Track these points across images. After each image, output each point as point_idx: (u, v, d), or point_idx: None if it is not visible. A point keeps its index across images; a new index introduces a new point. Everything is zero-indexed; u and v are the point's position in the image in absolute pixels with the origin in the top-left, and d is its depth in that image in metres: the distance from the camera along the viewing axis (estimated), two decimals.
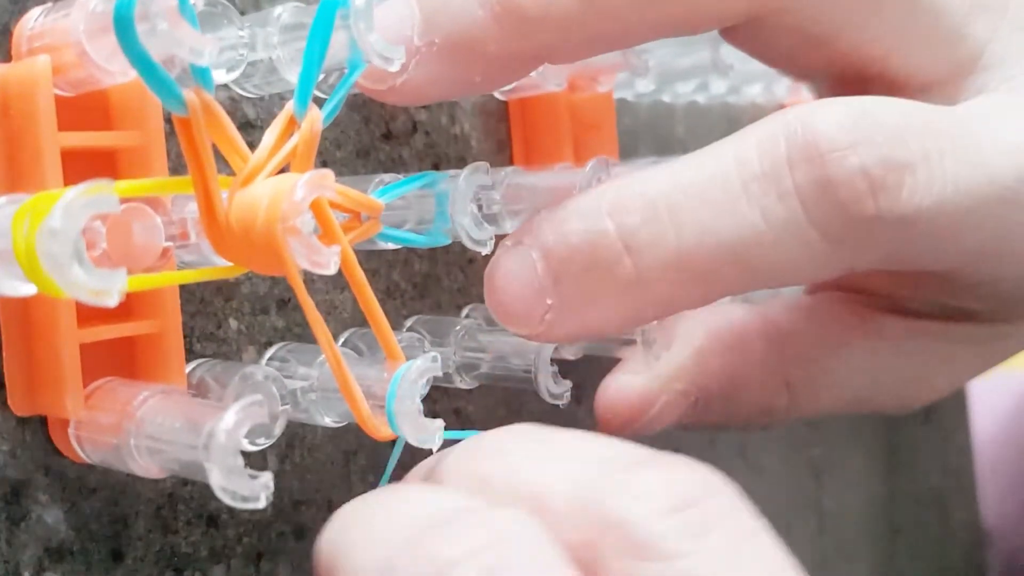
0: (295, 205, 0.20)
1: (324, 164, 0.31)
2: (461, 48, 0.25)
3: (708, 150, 0.24)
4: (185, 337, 0.27)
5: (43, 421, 0.24)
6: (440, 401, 0.34)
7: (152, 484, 0.27)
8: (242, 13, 0.28)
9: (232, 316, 0.28)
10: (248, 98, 0.29)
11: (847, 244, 0.23)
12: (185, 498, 0.27)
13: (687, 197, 0.23)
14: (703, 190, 0.23)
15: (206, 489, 0.28)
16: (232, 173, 0.22)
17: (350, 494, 0.31)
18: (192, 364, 0.25)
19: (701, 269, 0.23)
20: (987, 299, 0.29)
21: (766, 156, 0.23)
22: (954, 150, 0.24)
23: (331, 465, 0.31)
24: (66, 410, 0.22)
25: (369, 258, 0.31)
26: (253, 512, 0.29)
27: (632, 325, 0.26)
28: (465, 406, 0.35)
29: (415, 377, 0.22)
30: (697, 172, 0.23)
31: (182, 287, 0.27)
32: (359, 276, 0.22)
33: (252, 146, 0.29)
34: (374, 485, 0.32)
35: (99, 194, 0.18)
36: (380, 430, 0.22)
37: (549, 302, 0.24)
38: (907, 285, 0.30)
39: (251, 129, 0.29)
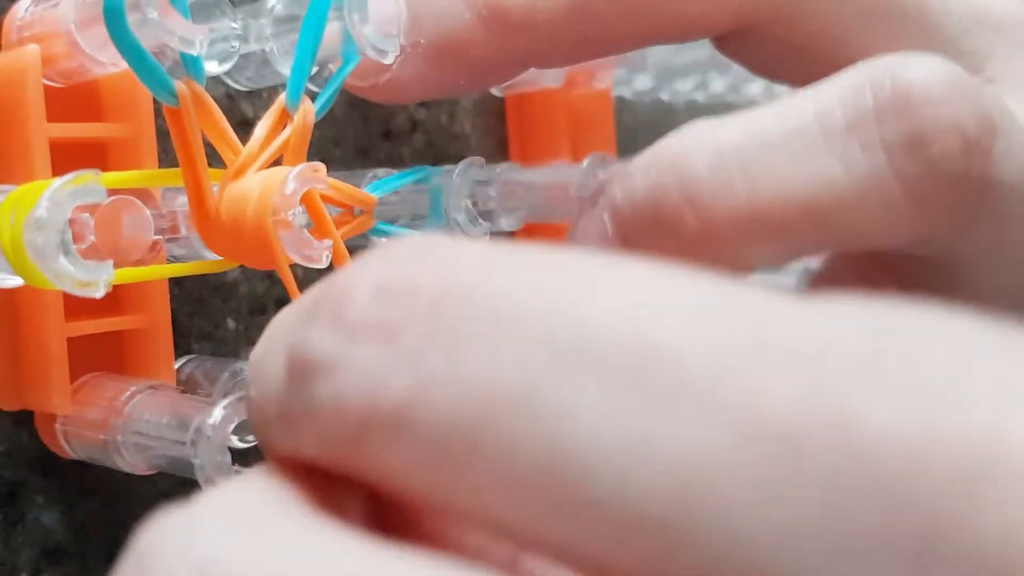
0: (286, 198, 0.20)
1: (323, 162, 0.30)
2: (446, 50, 0.24)
3: (783, 101, 0.23)
4: (183, 337, 0.26)
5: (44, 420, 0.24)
6: None
7: (150, 486, 0.26)
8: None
9: (230, 316, 0.28)
10: (245, 96, 0.29)
11: (928, 203, 0.22)
12: (183, 499, 0.27)
13: (760, 147, 0.22)
14: (779, 140, 0.22)
15: (203, 490, 0.27)
16: (223, 166, 0.21)
17: None
18: (182, 360, 0.25)
19: (774, 224, 0.22)
20: None
21: (851, 107, 0.22)
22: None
23: None
24: (52, 405, 0.21)
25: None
26: None
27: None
28: None
29: None
30: (772, 123, 0.22)
31: (180, 287, 0.27)
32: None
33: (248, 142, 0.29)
34: None
35: (85, 184, 0.17)
36: None
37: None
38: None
39: (249, 128, 0.29)
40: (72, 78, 0.22)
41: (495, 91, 0.34)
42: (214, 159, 0.21)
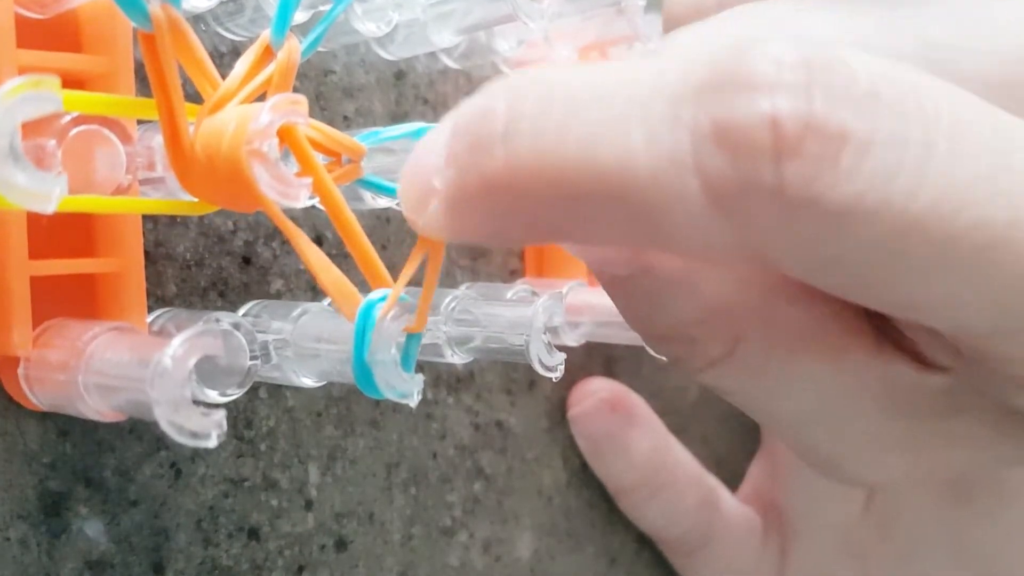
0: (261, 130, 0.19)
1: None
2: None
3: (641, 58, 0.20)
4: None
5: (84, 433, 0.24)
6: (482, 414, 0.34)
7: (193, 496, 0.26)
8: None
9: None
10: None
11: (734, 210, 0.17)
12: (226, 510, 0.27)
13: (588, 96, 0.18)
14: (607, 94, 0.18)
15: (248, 502, 0.27)
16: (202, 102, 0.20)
17: (391, 507, 0.31)
18: (155, 313, 0.24)
19: (573, 185, 0.18)
20: None
21: (686, 75, 0.17)
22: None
23: (372, 477, 0.30)
24: (12, 345, 0.20)
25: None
26: (295, 525, 0.28)
27: (500, 240, 0.21)
28: (507, 418, 0.34)
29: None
30: (614, 74, 0.18)
31: (223, 299, 0.27)
32: (337, 200, 0.21)
33: None
34: (416, 497, 0.31)
35: (39, 90, 0.16)
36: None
37: (436, 186, 0.19)
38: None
39: None
40: (48, 7, 0.21)
41: (504, 69, 0.33)
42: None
